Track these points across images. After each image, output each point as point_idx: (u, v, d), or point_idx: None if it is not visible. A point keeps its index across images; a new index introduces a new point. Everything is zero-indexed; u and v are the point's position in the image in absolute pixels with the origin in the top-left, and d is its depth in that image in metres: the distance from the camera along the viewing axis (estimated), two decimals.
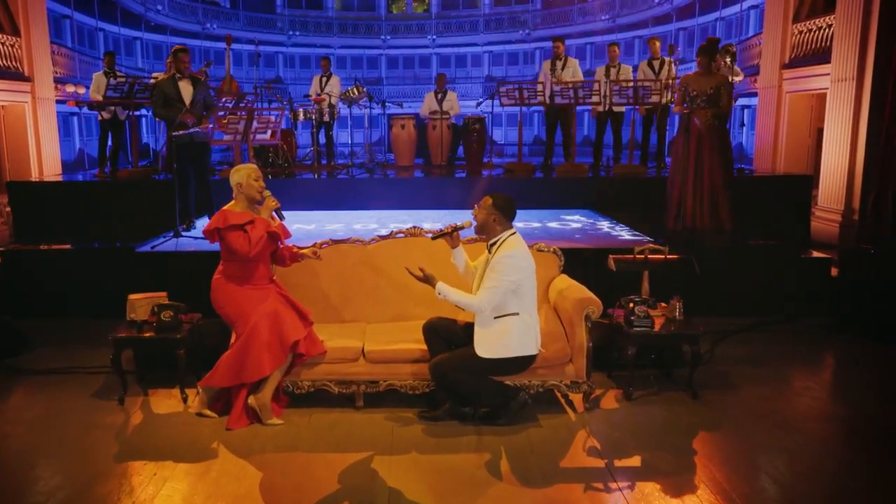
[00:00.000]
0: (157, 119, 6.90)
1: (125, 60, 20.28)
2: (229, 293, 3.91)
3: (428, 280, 3.69)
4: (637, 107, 8.48)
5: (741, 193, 7.11)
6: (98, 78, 8.71)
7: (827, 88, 8.94)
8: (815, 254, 6.18)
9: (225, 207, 3.94)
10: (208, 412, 3.92)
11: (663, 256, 4.34)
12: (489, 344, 3.65)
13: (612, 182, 8.26)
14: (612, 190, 7.95)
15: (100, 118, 8.93)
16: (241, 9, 26.08)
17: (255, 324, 3.81)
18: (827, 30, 9.22)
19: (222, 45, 7.46)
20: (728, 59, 8.06)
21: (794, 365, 4.84)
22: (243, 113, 6.47)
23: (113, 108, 8.61)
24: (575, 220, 7.11)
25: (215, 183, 6.85)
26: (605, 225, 6.93)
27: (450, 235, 3.88)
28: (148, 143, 17.52)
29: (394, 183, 8.34)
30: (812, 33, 9.59)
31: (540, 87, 8.63)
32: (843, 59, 8.48)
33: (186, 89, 6.33)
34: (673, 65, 8.95)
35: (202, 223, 6.51)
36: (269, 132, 6.84)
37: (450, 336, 3.87)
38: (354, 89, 9.17)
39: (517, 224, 3.86)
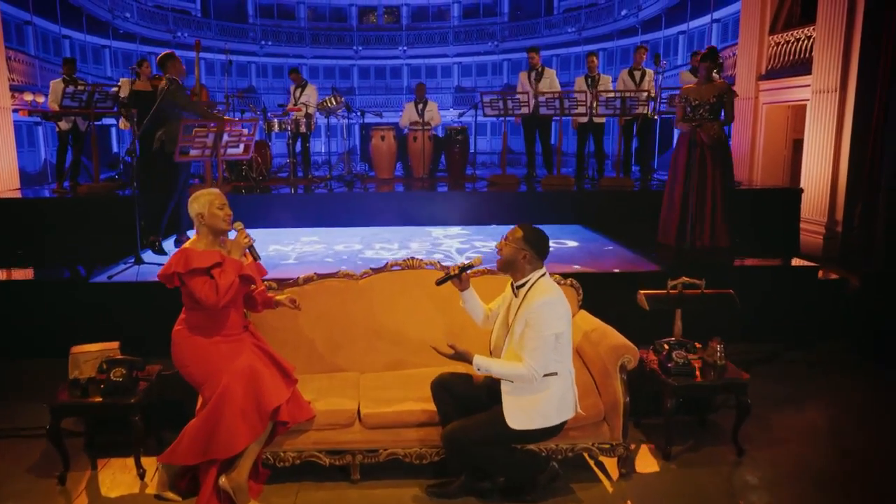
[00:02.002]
0: (185, 111, 5.38)
1: (93, 69, 18.84)
2: (194, 348, 3.00)
3: (462, 357, 2.84)
4: (617, 117, 7.80)
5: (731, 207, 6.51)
6: (55, 86, 7.58)
7: (806, 100, 8.36)
8: (831, 275, 5.54)
9: (186, 245, 2.99)
10: (171, 495, 3.00)
11: (699, 291, 3.58)
12: (524, 414, 2.80)
13: (600, 196, 7.53)
14: (600, 204, 7.21)
15: (58, 129, 7.82)
16: (212, 17, 24.71)
17: (226, 386, 2.91)
18: (806, 41, 8.65)
19: (193, 54, 6.45)
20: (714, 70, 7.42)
21: (837, 406, 4.14)
22: (213, 125, 5.47)
23: (73, 118, 7.53)
24: (569, 239, 6.33)
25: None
26: (601, 244, 6.16)
27: (458, 278, 3.03)
28: (118, 152, 16.16)
29: (375, 198, 7.41)
30: (790, 45, 9.01)
31: (524, 98, 7.86)
32: (825, 70, 7.90)
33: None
34: (654, 76, 8.28)
35: (170, 246, 5.52)
36: (242, 146, 5.87)
37: (464, 396, 3.01)
38: (332, 99, 8.24)
39: None
